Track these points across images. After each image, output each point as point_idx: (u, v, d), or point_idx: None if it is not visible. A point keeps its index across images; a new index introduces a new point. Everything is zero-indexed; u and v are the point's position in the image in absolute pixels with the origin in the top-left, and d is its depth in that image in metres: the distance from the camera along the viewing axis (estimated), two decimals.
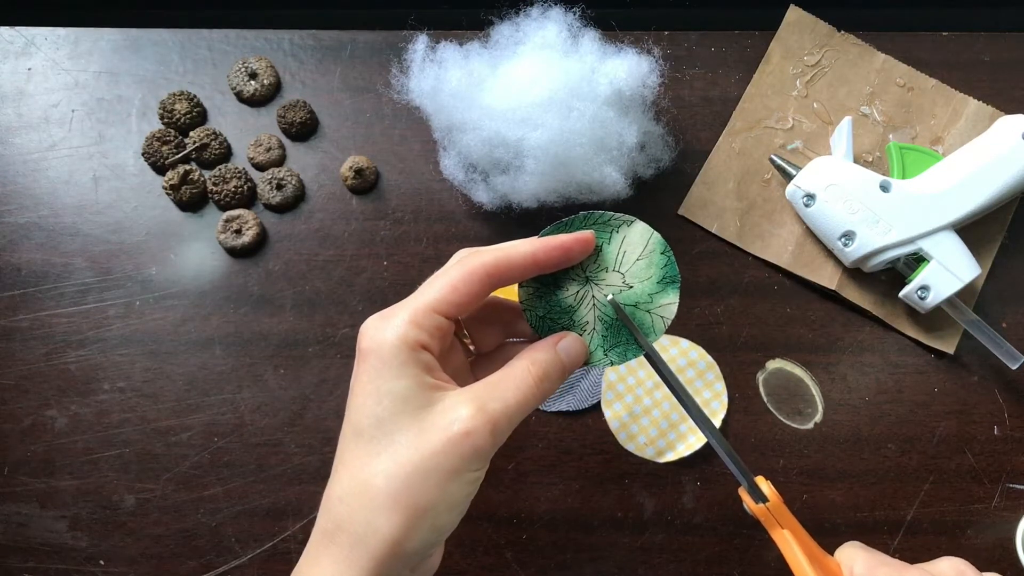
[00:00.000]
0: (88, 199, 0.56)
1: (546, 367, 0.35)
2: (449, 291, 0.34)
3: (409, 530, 0.32)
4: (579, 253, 0.36)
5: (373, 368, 0.33)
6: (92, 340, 0.54)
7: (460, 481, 0.32)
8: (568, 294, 0.37)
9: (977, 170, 0.50)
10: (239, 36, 0.58)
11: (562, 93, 0.49)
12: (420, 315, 0.33)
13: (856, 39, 0.57)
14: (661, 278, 0.37)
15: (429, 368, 0.33)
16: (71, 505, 0.52)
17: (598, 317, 0.37)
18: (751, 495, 0.36)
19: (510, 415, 0.33)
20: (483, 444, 0.32)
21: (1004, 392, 0.53)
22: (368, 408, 0.33)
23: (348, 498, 0.33)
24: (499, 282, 0.35)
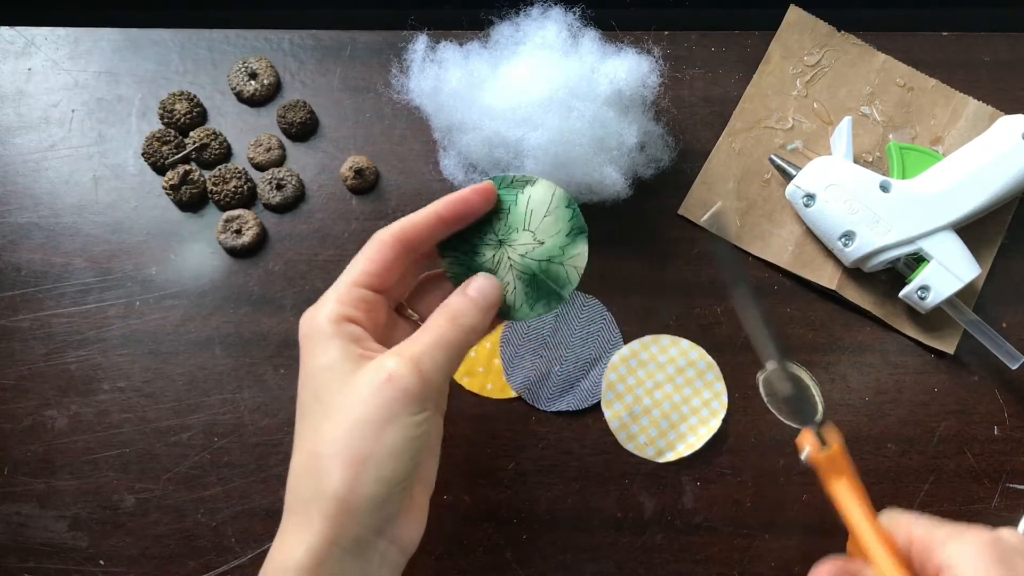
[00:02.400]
0: (88, 199, 0.56)
1: (457, 307, 0.36)
2: (365, 264, 0.36)
3: (353, 482, 0.32)
4: (480, 203, 0.38)
5: (306, 351, 0.35)
6: (92, 340, 0.54)
7: (397, 425, 0.33)
8: (485, 259, 0.40)
9: (977, 170, 0.50)
10: (239, 36, 0.58)
11: (562, 93, 0.49)
12: (342, 293, 0.36)
13: (856, 39, 0.57)
14: (569, 231, 0.40)
15: (357, 339, 0.35)
16: (71, 505, 0.52)
17: (517, 276, 0.40)
18: (818, 439, 0.35)
19: (431, 354, 0.34)
20: (410, 385, 0.33)
21: (1004, 392, 0.53)
22: (306, 387, 0.35)
23: (298, 469, 0.35)
24: (411, 245, 0.37)
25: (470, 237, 0.40)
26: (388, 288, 0.38)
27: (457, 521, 0.52)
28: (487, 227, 0.40)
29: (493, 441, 0.53)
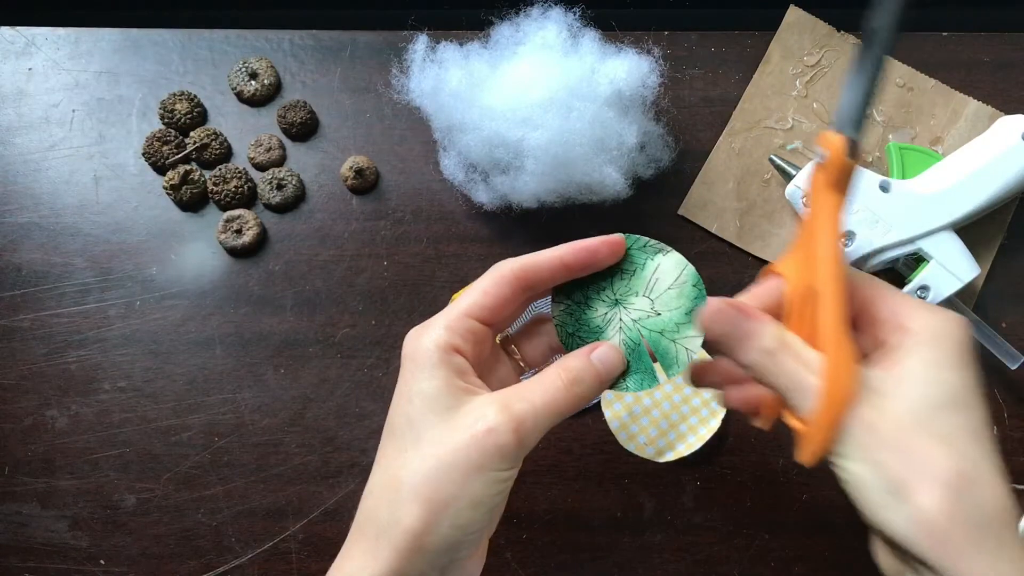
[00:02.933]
0: (88, 199, 0.56)
1: (577, 372, 0.35)
2: (480, 296, 0.35)
3: (429, 523, 0.32)
4: (606, 255, 0.37)
5: (408, 371, 0.35)
6: (93, 340, 0.54)
7: (484, 479, 0.32)
8: (597, 314, 0.38)
9: (977, 170, 0.50)
10: (239, 36, 0.58)
11: (562, 93, 0.49)
12: (453, 320, 0.35)
13: (856, 39, 0.57)
14: (690, 310, 0.37)
15: (461, 372, 0.34)
16: (71, 505, 0.52)
17: (623, 340, 0.37)
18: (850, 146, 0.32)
19: (536, 416, 0.33)
20: (506, 442, 0.32)
21: (1004, 392, 0.53)
22: (401, 408, 0.34)
23: (377, 491, 0.34)
24: (529, 284, 0.36)
25: (587, 288, 0.38)
26: (496, 322, 0.37)
27: None
28: (607, 283, 0.38)
29: None
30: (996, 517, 0.30)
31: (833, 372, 0.31)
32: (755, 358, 0.33)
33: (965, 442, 0.30)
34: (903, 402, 0.31)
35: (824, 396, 0.31)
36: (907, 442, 0.30)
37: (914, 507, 0.29)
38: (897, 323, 0.33)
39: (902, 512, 0.30)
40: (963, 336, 0.32)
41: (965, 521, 0.29)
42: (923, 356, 0.31)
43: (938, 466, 0.30)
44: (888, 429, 0.31)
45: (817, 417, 0.31)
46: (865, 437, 0.31)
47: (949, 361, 0.31)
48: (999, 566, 0.29)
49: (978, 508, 0.30)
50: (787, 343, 0.33)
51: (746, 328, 0.34)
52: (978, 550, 0.29)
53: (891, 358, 0.32)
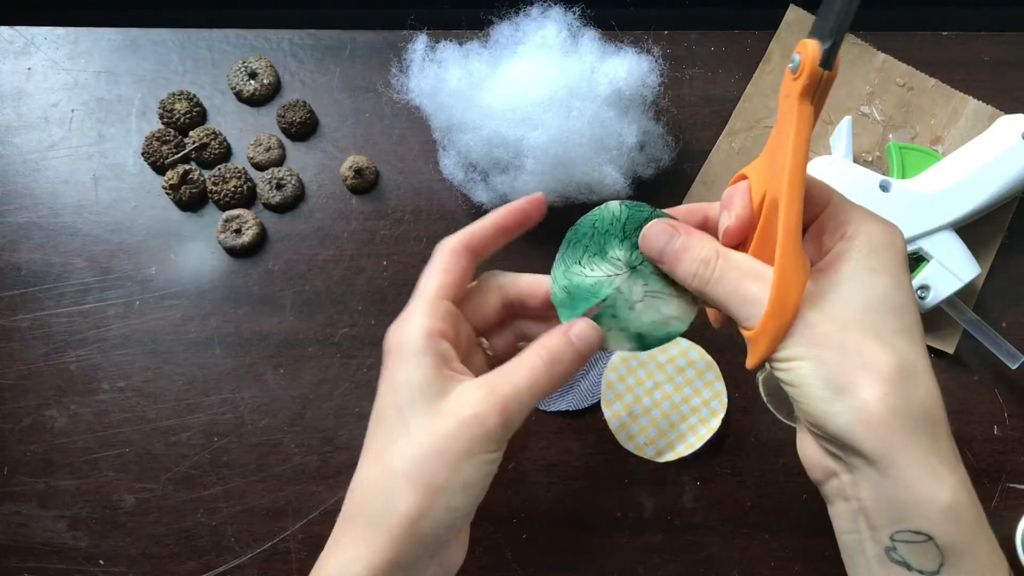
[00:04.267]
0: (88, 199, 0.56)
1: (556, 351, 0.36)
2: (443, 275, 0.37)
3: (424, 508, 0.33)
4: (535, 212, 0.39)
5: (393, 362, 0.35)
6: (92, 340, 0.54)
7: (474, 462, 0.33)
8: (599, 276, 0.38)
9: (977, 170, 0.50)
10: (239, 36, 0.58)
11: (562, 93, 0.49)
12: (430, 305, 0.36)
13: (856, 39, 0.57)
14: None
15: (446, 358, 0.35)
16: (71, 505, 0.52)
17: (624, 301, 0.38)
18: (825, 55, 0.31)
19: (520, 397, 0.34)
20: (493, 425, 0.33)
21: (1004, 392, 0.53)
22: (388, 398, 0.35)
23: (368, 481, 0.35)
24: (476, 252, 0.38)
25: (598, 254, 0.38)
26: (460, 302, 0.38)
27: None
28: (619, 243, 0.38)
29: None
30: (930, 411, 0.32)
31: (782, 280, 0.32)
32: (693, 268, 0.35)
33: (902, 341, 0.32)
34: (842, 304, 0.32)
35: (772, 303, 0.32)
36: (847, 340, 0.31)
37: (855, 400, 0.31)
38: (841, 231, 0.34)
39: (843, 406, 0.31)
40: (900, 244, 0.34)
41: (903, 413, 0.31)
42: (862, 262, 0.33)
43: (878, 362, 0.31)
44: (829, 329, 0.32)
45: (765, 322, 0.32)
46: (807, 336, 0.32)
47: (885, 267, 0.33)
48: (931, 457, 0.31)
49: (914, 402, 0.31)
50: (723, 253, 0.35)
51: (681, 242, 0.35)
52: (914, 441, 0.31)
53: (833, 264, 0.33)
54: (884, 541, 0.32)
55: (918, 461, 0.31)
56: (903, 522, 0.31)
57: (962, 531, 0.31)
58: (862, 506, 0.32)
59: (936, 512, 0.30)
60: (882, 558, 0.32)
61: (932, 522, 0.30)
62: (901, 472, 0.31)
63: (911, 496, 0.31)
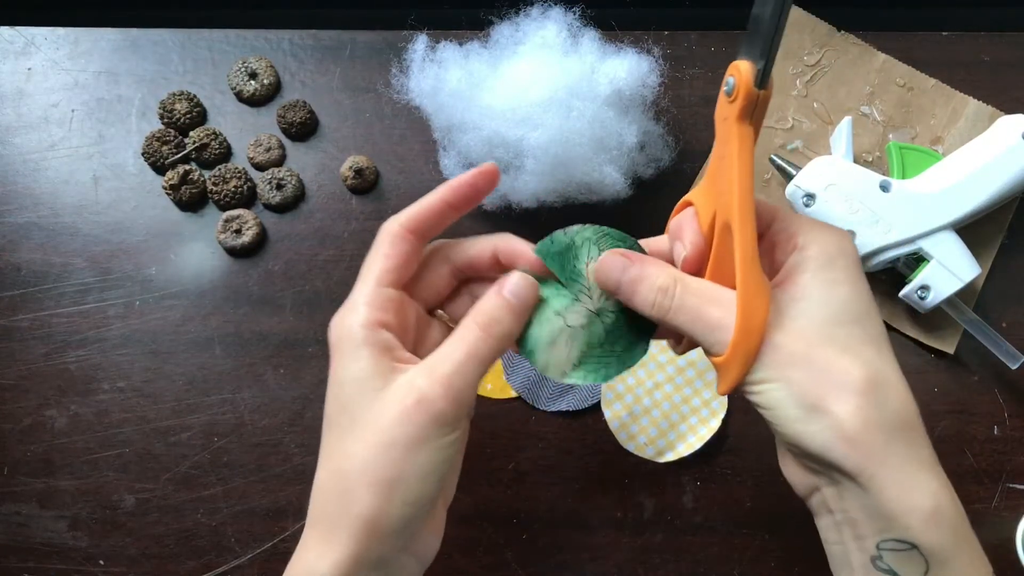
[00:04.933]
0: (88, 199, 0.56)
1: (491, 313, 0.35)
2: (383, 260, 0.35)
3: (380, 506, 0.32)
4: (486, 185, 0.37)
5: (335, 359, 0.35)
6: (92, 340, 0.54)
7: (426, 450, 0.32)
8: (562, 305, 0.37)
9: (977, 170, 0.50)
10: (239, 36, 0.58)
11: (562, 93, 0.49)
12: (370, 295, 0.35)
13: (856, 39, 0.57)
14: None
15: (388, 348, 0.34)
16: (71, 505, 0.52)
17: (595, 328, 0.37)
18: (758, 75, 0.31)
19: (463, 371, 0.33)
20: (440, 408, 0.32)
21: (1004, 392, 0.53)
22: (333, 395, 0.35)
23: (323, 484, 0.34)
24: (421, 233, 0.36)
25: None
26: (408, 283, 0.37)
27: (457, 521, 0.52)
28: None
29: (493, 441, 0.53)
30: (905, 419, 0.31)
31: (746, 304, 0.32)
32: (652, 298, 0.34)
33: (868, 351, 0.32)
34: (805, 320, 0.32)
35: (739, 328, 0.32)
36: (814, 357, 0.31)
37: (829, 417, 0.31)
38: (792, 244, 0.34)
39: (818, 424, 0.31)
40: (852, 250, 0.33)
41: (878, 425, 0.31)
42: (818, 274, 0.32)
43: (847, 376, 0.31)
44: (794, 347, 0.32)
45: (733, 348, 0.32)
46: (774, 358, 0.32)
47: (842, 276, 0.32)
48: (910, 465, 0.31)
49: (888, 412, 0.31)
50: (681, 280, 0.34)
51: (637, 272, 0.34)
52: (892, 450, 0.31)
53: (790, 279, 0.33)
54: (870, 550, 0.32)
55: (897, 470, 0.31)
56: (887, 531, 0.31)
57: (945, 536, 0.31)
58: (847, 517, 0.32)
59: (919, 520, 0.30)
60: (868, 567, 0.32)
61: (915, 530, 0.30)
62: (882, 483, 0.30)
63: (893, 506, 0.30)
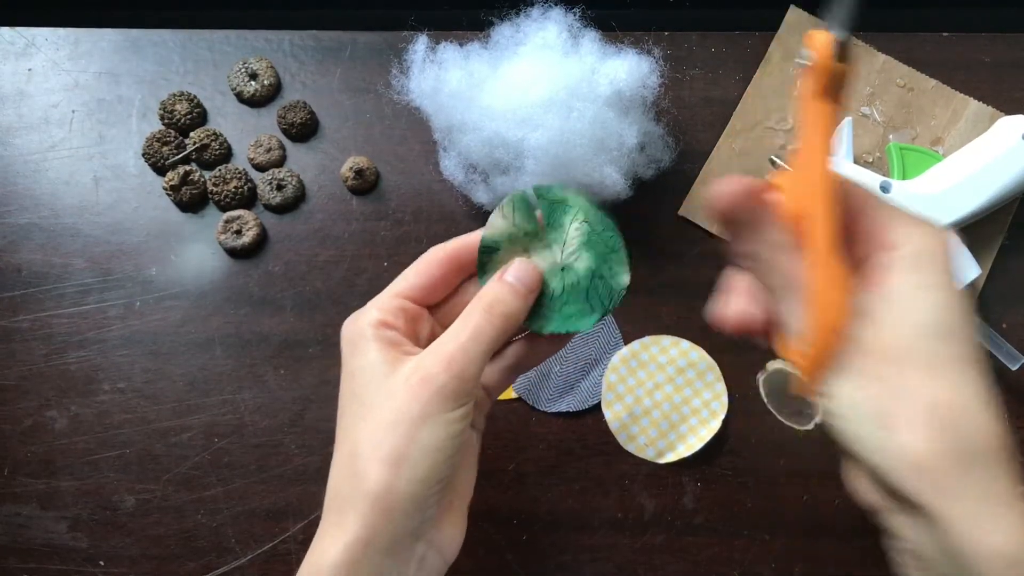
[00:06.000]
0: (88, 200, 0.56)
1: (493, 295, 0.36)
2: (412, 277, 0.37)
3: (388, 481, 0.32)
4: None
5: (346, 352, 0.36)
6: (92, 341, 0.54)
7: (431, 425, 0.33)
8: None
9: (977, 171, 0.50)
10: (239, 36, 0.58)
11: (562, 94, 0.49)
12: (384, 301, 0.36)
13: (856, 40, 0.57)
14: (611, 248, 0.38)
15: (395, 343, 0.35)
16: (71, 506, 0.52)
17: (560, 287, 0.38)
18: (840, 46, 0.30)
19: (465, 349, 0.34)
20: (443, 383, 0.33)
21: (1004, 392, 0.53)
22: (345, 387, 0.36)
23: (337, 470, 0.35)
24: (462, 265, 0.38)
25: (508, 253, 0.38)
26: (431, 302, 0.38)
27: None
28: (528, 243, 0.38)
29: (493, 442, 0.53)
30: (984, 452, 0.28)
31: (823, 299, 0.29)
32: (760, 249, 0.31)
33: (953, 372, 0.29)
34: (891, 329, 0.29)
35: (815, 326, 0.29)
36: (894, 371, 0.29)
37: (899, 440, 0.28)
38: (880, 238, 0.30)
39: (887, 445, 0.28)
40: (944, 250, 0.30)
41: (953, 456, 0.28)
42: (908, 278, 0.29)
43: (924, 397, 0.28)
44: (875, 357, 0.29)
45: (808, 347, 0.30)
46: (851, 366, 0.29)
47: (934, 282, 0.29)
48: (988, 502, 0.28)
49: (966, 441, 0.28)
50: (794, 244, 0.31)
51: (763, 215, 0.31)
52: (967, 483, 0.28)
53: (875, 278, 0.30)
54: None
55: (973, 507, 0.27)
56: (959, 572, 0.28)
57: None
58: (916, 551, 0.30)
59: (996, 567, 0.27)
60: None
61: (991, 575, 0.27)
62: (954, 521, 0.27)
63: (966, 548, 0.27)
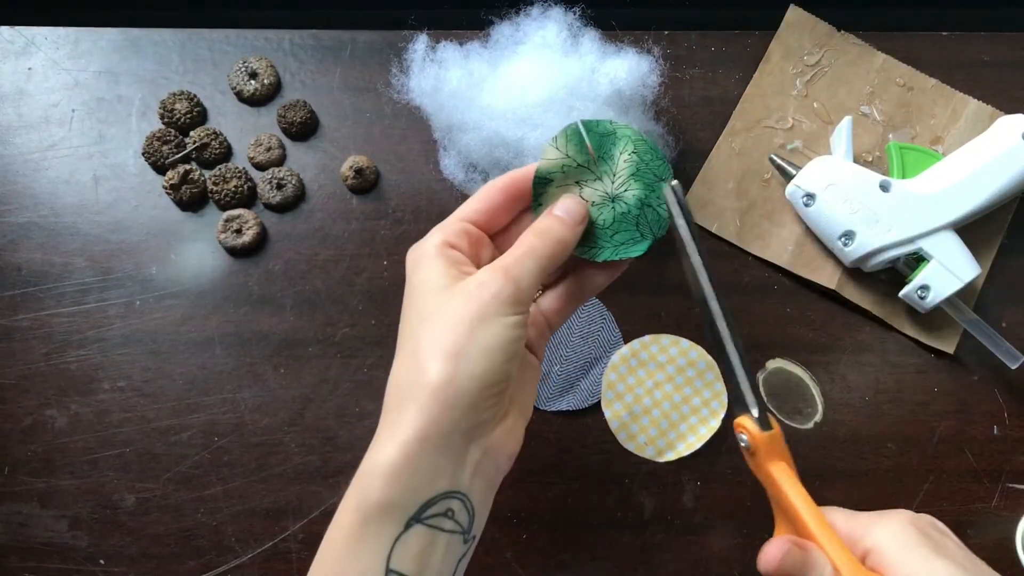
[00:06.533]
0: (88, 199, 0.56)
1: (544, 224, 0.38)
2: (473, 202, 0.39)
3: (447, 375, 0.33)
4: None
5: (410, 273, 0.38)
6: (92, 340, 0.54)
7: (489, 325, 0.34)
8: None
9: (977, 170, 0.51)
10: (239, 36, 0.58)
11: (562, 93, 0.49)
12: (448, 224, 0.38)
13: (856, 39, 0.57)
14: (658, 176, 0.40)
15: (456, 262, 0.37)
16: (71, 505, 0.52)
17: (609, 216, 0.40)
18: (759, 423, 0.36)
19: (521, 263, 0.36)
20: (500, 287, 0.35)
21: (1004, 392, 0.53)
22: (408, 302, 0.37)
23: (398, 371, 0.36)
24: (516, 193, 0.40)
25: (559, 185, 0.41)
26: (492, 229, 0.40)
27: None
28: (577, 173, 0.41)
29: None
30: None
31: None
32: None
33: None
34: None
35: None
36: None
37: None
38: (861, 547, 0.35)
39: None
40: (917, 525, 0.35)
41: None
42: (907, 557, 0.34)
43: None
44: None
45: None
46: None
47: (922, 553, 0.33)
48: None
49: None
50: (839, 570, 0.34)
51: (810, 559, 0.35)
52: None
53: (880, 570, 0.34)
54: None
55: None
56: None
57: None
58: None
59: None
60: None
61: None
62: None
63: None
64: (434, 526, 0.34)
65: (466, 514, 0.35)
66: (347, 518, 0.34)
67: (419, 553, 0.33)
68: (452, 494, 0.34)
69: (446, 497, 0.34)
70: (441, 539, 0.34)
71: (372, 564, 0.33)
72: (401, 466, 0.33)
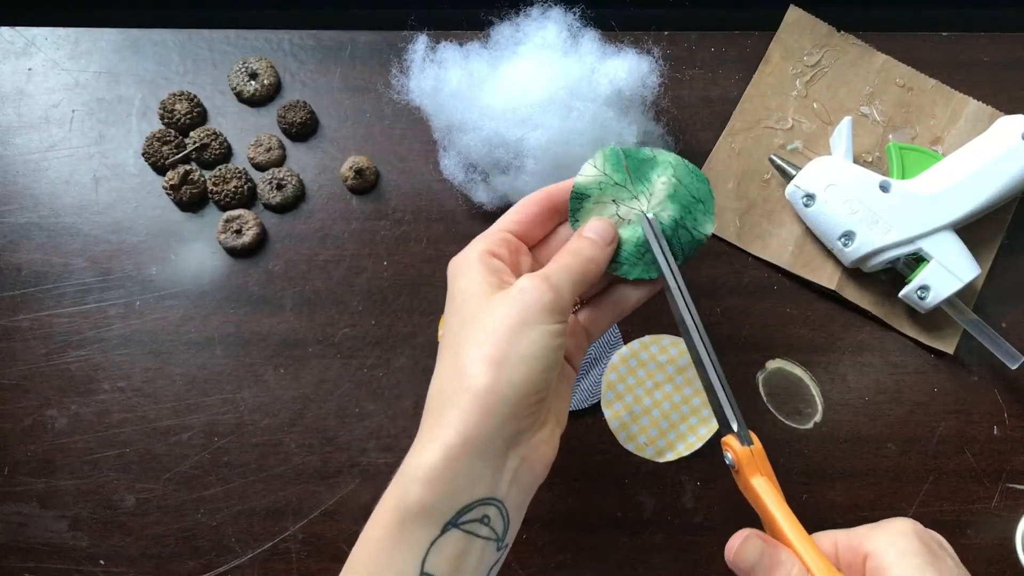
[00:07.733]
0: (88, 199, 0.56)
1: (577, 244, 0.40)
2: (513, 213, 0.41)
3: (490, 380, 0.34)
4: None
5: (452, 282, 0.39)
6: (92, 340, 0.54)
7: (530, 332, 0.35)
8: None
9: (977, 170, 0.51)
10: (239, 36, 0.58)
11: (562, 93, 0.49)
12: (489, 234, 0.40)
13: (856, 39, 0.57)
14: (698, 197, 0.42)
15: (497, 271, 0.38)
16: (71, 505, 0.52)
17: (638, 236, 0.42)
18: (740, 438, 0.37)
19: (558, 273, 0.37)
20: (540, 294, 0.36)
21: (1004, 392, 0.53)
22: (450, 310, 0.38)
23: (441, 376, 0.37)
24: (554, 205, 0.41)
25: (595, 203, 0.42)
26: (531, 240, 0.41)
27: None
28: (615, 191, 0.42)
29: None
30: None
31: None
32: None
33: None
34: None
35: None
36: None
37: None
38: (862, 551, 0.35)
39: None
40: (920, 536, 0.35)
41: None
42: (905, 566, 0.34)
43: None
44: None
45: None
46: None
47: (917, 563, 0.34)
48: None
49: None
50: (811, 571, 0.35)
51: (775, 557, 0.35)
52: None
53: None
54: None
55: None
56: None
57: None
58: None
59: None
60: None
61: None
62: None
63: None
64: (470, 532, 0.34)
65: (501, 522, 0.35)
66: (385, 517, 0.34)
67: (454, 558, 0.34)
68: (489, 501, 0.35)
69: (483, 503, 0.34)
70: (476, 545, 0.34)
71: (407, 566, 0.33)
72: (441, 470, 0.33)
